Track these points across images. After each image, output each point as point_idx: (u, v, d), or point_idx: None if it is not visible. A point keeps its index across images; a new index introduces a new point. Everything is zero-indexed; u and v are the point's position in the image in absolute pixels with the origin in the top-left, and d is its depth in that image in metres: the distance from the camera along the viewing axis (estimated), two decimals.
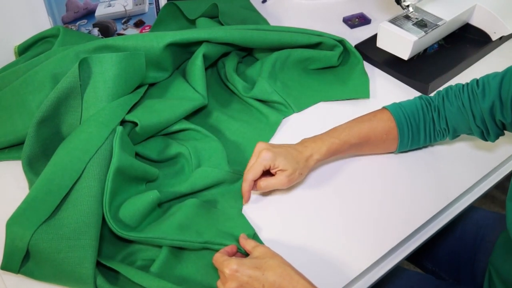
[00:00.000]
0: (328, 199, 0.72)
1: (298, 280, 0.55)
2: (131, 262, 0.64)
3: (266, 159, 0.66)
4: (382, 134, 0.72)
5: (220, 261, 0.58)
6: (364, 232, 0.68)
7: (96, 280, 0.59)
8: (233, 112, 0.86)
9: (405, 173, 0.75)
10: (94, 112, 0.70)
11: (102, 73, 0.71)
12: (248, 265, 0.57)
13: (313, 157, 0.69)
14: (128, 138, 0.72)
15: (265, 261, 0.57)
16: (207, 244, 0.63)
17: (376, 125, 0.72)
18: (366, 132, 0.72)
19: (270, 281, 0.55)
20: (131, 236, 0.62)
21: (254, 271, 0.56)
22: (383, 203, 0.71)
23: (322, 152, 0.70)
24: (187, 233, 0.63)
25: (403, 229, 0.68)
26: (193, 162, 0.73)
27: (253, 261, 0.57)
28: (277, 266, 0.56)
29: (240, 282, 0.56)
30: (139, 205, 0.65)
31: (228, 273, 0.56)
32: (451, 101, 0.71)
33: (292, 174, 0.67)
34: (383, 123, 0.72)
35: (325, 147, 0.70)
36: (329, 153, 0.71)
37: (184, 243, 0.62)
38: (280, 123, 0.84)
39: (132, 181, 0.69)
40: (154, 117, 0.75)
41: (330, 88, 0.90)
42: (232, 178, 0.72)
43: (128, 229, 0.63)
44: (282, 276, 0.56)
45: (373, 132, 0.72)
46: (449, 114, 0.71)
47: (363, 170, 0.75)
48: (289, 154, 0.68)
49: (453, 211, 0.74)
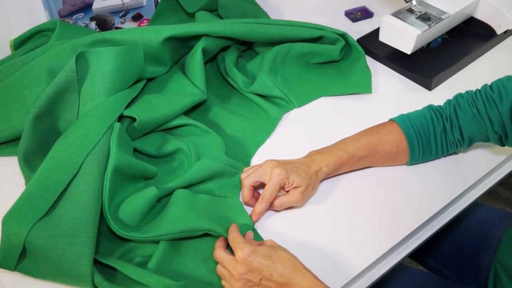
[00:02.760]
0: (329, 196, 0.72)
1: (305, 274, 0.57)
2: (130, 258, 0.64)
3: (280, 178, 0.66)
4: (392, 147, 0.72)
5: (236, 243, 0.59)
6: (366, 229, 0.68)
7: (93, 277, 0.59)
8: (233, 107, 0.86)
9: (408, 169, 0.75)
10: (92, 107, 0.70)
11: (100, 67, 0.71)
12: (261, 252, 0.58)
13: (322, 171, 0.70)
14: (126, 134, 0.72)
15: (276, 251, 0.59)
16: (210, 231, 0.63)
17: (385, 137, 0.72)
18: (374, 144, 0.71)
19: (279, 271, 0.57)
20: (133, 237, 0.62)
21: (265, 259, 0.57)
22: (385, 200, 0.71)
23: (330, 166, 0.70)
24: (188, 222, 0.63)
25: (406, 226, 0.68)
26: (193, 158, 0.73)
27: (265, 249, 0.59)
28: (286, 258, 0.58)
29: (249, 268, 0.57)
30: (138, 203, 0.65)
31: (240, 257, 0.58)
32: (465, 109, 0.70)
33: (306, 190, 0.68)
34: (391, 136, 0.72)
35: (333, 160, 0.70)
36: (337, 166, 0.71)
37: (186, 233, 0.63)
38: (281, 119, 0.84)
39: (130, 180, 0.69)
40: (152, 112, 0.75)
41: (332, 82, 0.90)
42: (230, 172, 0.72)
43: (129, 229, 0.63)
44: (290, 268, 0.57)
45: (381, 145, 0.71)
46: (463, 123, 0.70)
47: (365, 172, 0.75)
48: (300, 170, 0.68)
49: (457, 207, 0.74)
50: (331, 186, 0.73)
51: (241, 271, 0.57)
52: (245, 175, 0.70)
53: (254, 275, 0.57)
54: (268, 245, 0.60)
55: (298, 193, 0.67)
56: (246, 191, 0.69)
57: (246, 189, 0.69)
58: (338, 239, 0.67)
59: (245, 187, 0.69)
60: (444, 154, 0.75)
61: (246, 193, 0.69)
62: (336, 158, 0.70)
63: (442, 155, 0.75)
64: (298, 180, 0.67)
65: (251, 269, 0.57)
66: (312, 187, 0.69)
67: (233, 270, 0.58)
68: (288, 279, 0.57)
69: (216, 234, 0.63)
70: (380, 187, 0.73)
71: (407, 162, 0.75)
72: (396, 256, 0.68)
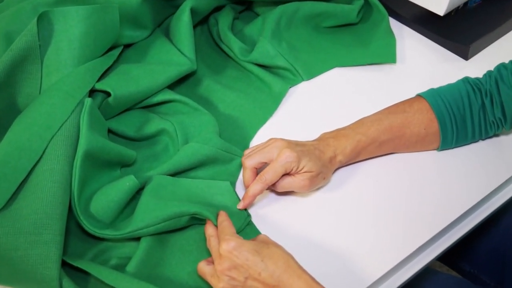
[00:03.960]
0: (342, 186, 0.73)
1: (300, 275, 0.58)
2: (104, 260, 0.65)
3: (290, 161, 0.66)
4: (420, 129, 0.72)
5: (223, 234, 0.60)
6: (387, 227, 0.69)
7: (61, 282, 0.60)
8: (228, 80, 0.86)
9: (438, 155, 0.76)
10: (57, 79, 0.70)
11: (67, 30, 0.71)
12: (249, 247, 0.59)
13: (337, 159, 0.70)
14: (98, 112, 0.72)
15: (268, 247, 0.59)
16: (197, 215, 0.64)
17: (412, 117, 0.72)
18: (400, 126, 0.71)
19: (269, 270, 0.57)
20: (107, 235, 0.63)
21: (254, 255, 0.58)
22: (410, 192, 0.72)
23: (346, 153, 0.70)
24: (169, 208, 0.64)
25: (435, 223, 0.69)
26: (179, 141, 0.74)
27: (255, 244, 0.59)
28: (279, 256, 0.59)
29: (233, 264, 0.58)
30: (113, 195, 0.66)
31: (224, 249, 0.58)
32: (508, 83, 0.70)
33: (316, 178, 0.68)
34: (420, 115, 0.72)
35: (351, 146, 0.70)
36: (355, 154, 0.71)
37: (170, 223, 0.64)
38: (286, 94, 0.84)
39: (104, 167, 0.69)
40: (130, 85, 0.75)
41: (348, 50, 0.90)
42: (225, 158, 0.73)
43: (102, 226, 0.64)
44: (283, 268, 0.58)
45: (408, 126, 0.71)
46: (506, 100, 0.70)
47: (387, 157, 0.76)
48: (312, 154, 0.68)
49: (497, 201, 0.74)
50: (345, 174, 0.74)
51: (224, 267, 0.58)
52: (247, 155, 0.70)
53: (239, 272, 0.58)
54: (260, 240, 0.61)
55: (306, 178, 0.68)
56: (247, 174, 0.69)
57: (248, 171, 0.69)
58: (352, 238, 0.68)
59: (246, 169, 0.69)
60: (482, 137, 0.76)
61: (247, 176, 0.69)
62: (354, 143, 0.70)
63: (480, 138, 0.76)
64: (309, 166, 0.67)
65: (236, 266, 0.58)
66: (323, 175, 0.69)
67: (217, 264, 0.59)
68: (279, 281, 0.57)
69: (204, 217, 0.64)
70: (404, 177, 0.74)
71: (438, 147, 0.75)
72: (423, 259, 0.69)
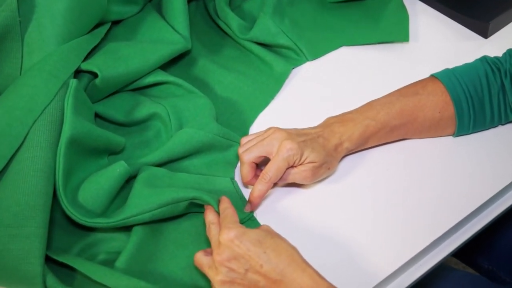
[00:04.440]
0: (350, 176, 0.73)
1: (305, 269, 0.58)
2: (92, 255, 0.65)
3: (291, 154, 0.66)
4: (434, 113, 0.72)
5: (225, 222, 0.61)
6: (397, 220, 0.69)
7: (45, 279, 0.60)
8: (226, 60, 0.86)
9: (454, 142, 0.76)
10: (39, 58, 0.70)
11: (49, 5, 0.71)
12: (252, 236, 0.59)
13: (343, 146, 0.70)
14: (84, 94, 0.72)
15: (272, 238, 0.59)
16: (196, 199, 0.64)
17: (426, 100, 0.71)
18: (412, 109, 0.71)
19: (272, 263, 0.57)
20: (98, 223, 0.63)
21: (256, 246, 0.58)
22: (423, 182, 0.72)
23: (354, 139, 0.70)
24: (166, 193, 0.64)
25: (450, 216, 0.69)
26: (173, 126, 0.74)
27: (258, 234, 0.59)
28: (283, 248, 0.59)
29: (234, 254, 0.58)
30: (102, 183, 0.66)
31: (224, 238, 0.58)
32: None
33: (319, 168, 0.68)
34: (434, 98, 0.72)
35: (358, 131, 0.70)
36: (363, 140, 0.71)
37: (166, 208, 0.64)
38: (289, 75, 0.84)
39: (90, 154, 0.69)
40: (119, 65, 0.74)
41: (356, 28, 0.90)
42: (222, 144, 0.73)
43: (93, 216, 0.64)
44: (286, 261, 0.58)
45: (421, 110, 0.71)
46: None
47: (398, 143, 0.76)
48: (316, 143, 0.68)
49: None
50: (352, 163, 0.74)
51: (223, 257, 0.58)
52: (244, 148, 0.70)
53: (239, 263, 0.58)
54: (263, 230, 0.61)
55: (308, 169, 0.68)
56: (246, 170, 0.69)
57: (246, 166, 0.69)
58: (359, 232, 0.68)
59: (244, 164, 0.69)
60: (502, 122, 0.76)
61: (245, 172, 0.69)
62: (362, 128, 0.70)
63: (499, 123, 0.76)
64: (312, 156, 0.67)
65: (236, 256, 0.58)
66: (328, 166, 0.69)
67: (215, 254, 0.59)
68: (282, 275, 0.57)
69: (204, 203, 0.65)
70: (416, 166, 0.74)
71: (454, 132, 0.75)
72: (437, 255, 0.69)
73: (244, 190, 0.71)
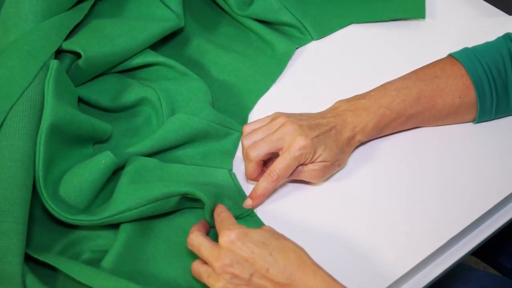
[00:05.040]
0: (362, 174, 0.73)
1: (316, 272, 0.57)
2: (76, 254, 0.65)
3: (303, 153, 0.66)
4: (454, 98, 0.71)
5: (224, 224, 0.60)
6: (413, 218, 0.69)
7: (25, 280, 0.60)
8: (223, 39, 0.86)
9: (474, 129, 0.76)
10: (17, 37, 0.70)
11: None
12: (255, 238, 0.58)
13: (356, 139, 0.70)
14: (67, 77, 0.72)
15: (277, 238, 0.59)
16: (189, 195, 0.64)
17: (445, 84, 0.71)
18: (431, 95, 0.71)
19: (280, 266, 0.57)
20: (81, 221, 0.63)
21: (260, 248, 0.58)
22: (440, 174, 0.72)
23: (367, 131, 0.70)
24: (156, 188, 0.64)
25: (469, 211, 0.69)
26: (164, 112, 0.74)
27: (261, 235, 0.59)
28: (290, 250, 0.58)
29: (236, 258, 0.57)
30: (86, 175, 0.66)
31: (226, 241, 0.58)
32: None
33: (331, 167, 0.68)
34: (454, 81, 0.71)
35: (372, 122, 0.70)
36: (376, 131, 0.71)
37: (156, 204, 0.64)
38: (292, 56, 0.84)
39: (73, 143, 0.69)
40: (105, 45, 0.74)
41: (366, 3, 0.89)
42: (219, 132, 0.73)
43: (75, 212, 0.63)
44: (296, 263, 0.57)
45: (440, 95, 0.71)
46: None
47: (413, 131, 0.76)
48: (328, 138, 0.68)
49: None
50: (363, 154, 0.74)
51: (224, 262, 0.57)
52: (249, 139, 0.69)
53: (243, 268, 0.57)
54: (265, 230, 0.60)
55: (319, 168, 0.68)
56: (252, 168, 0.69)
57: (253, 164, 0.68)
58: (371, 230, 0.68)
59: (251, 162, 0.68)
60: None
61: (251, 170, 0.69)
62: (376, 119, 0.70)
63: None
64: (325, 155, 0.67)
65: (239, 260, 0.57)
66: (339, 162, 0.70)
67: (214, 260, 0.58)
68: (291, 279, 0.57)
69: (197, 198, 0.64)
70: (432, 156, 0.74)
71: (474, 119, 0.75)
72: (455, 253, 0.69)
73: (243, 184, 0.72)
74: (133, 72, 0.80)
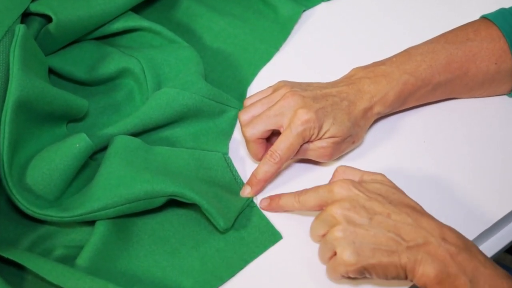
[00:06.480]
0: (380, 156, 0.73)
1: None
2: (46, 251, 0.65)
3: (307, 127, 0.66)
4: (489, 64, 0.72)
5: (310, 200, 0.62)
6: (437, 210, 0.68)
7: None
8: (217, 1, 0.86)
9: (509, 106, 0.76)
10: None
11: None
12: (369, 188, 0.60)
13: (374, 111, 0.70)
14: (35, 44, 0.72)
15: (388, 189, 0.61)
16: (177, 197, 0.64)
17: (479, 48, 0.71)
18: (462, 60, 0.71)
19: (398, 219, 0.57)
20: (50, 217, 0.62)
21: (375, 194, 0.59)
22: (469, 156, 0.72)
23: (388, 101, 0.70)
24: (138, 184, 0.63)
25: (501, 203, 0.69)
26: (149, 85, 0.74)
27: (376, 188, 0.60)
28: (406, 205, 0.59)
29: (352, 203, 0.58)
30: (57, 161, 0.65)
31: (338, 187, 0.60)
32: None
33: (342, 143, 0.68)
34: (490, 45, 0.71)
35: (394, 91, 0.70)
36: (399, 102, 0.71)
37: (137, 205, 0.64)
38: (298, 20, 0.84)
39: (44, 121, 0.69)
40: (79, 6, 0.74)
41: None
42: (213, 109, 0.73)
43: (44, 204, 0.63)
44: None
45: (473, 61, 0.71)
46: None
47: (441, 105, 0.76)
48: (338, 110, 0.67)
49: None
50: (381, 132, 0.74)
51: (345, 206, 0.58)
52: (247, 115, 0.69)
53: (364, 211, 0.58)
54: (372, 179, 0.62)
55: (328, 145, 0.67)
56: (252, 148, 0.69)
57: (252, 144, 0.68)
58: None
59: (250, 142, 0.68)
60: None
61: (253, 150, 0.69)
62: (398, 87, 0.70)
63: None
64: (333, 130, 0.67)
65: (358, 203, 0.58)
66: (352, 139, 0.69)
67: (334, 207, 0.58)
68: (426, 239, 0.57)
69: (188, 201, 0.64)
70: (463, 135, 0.74)
71: (510, 91, 0.75)
72: (486, 250, 0.69)
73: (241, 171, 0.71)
74: (112, 39, 0.80)
